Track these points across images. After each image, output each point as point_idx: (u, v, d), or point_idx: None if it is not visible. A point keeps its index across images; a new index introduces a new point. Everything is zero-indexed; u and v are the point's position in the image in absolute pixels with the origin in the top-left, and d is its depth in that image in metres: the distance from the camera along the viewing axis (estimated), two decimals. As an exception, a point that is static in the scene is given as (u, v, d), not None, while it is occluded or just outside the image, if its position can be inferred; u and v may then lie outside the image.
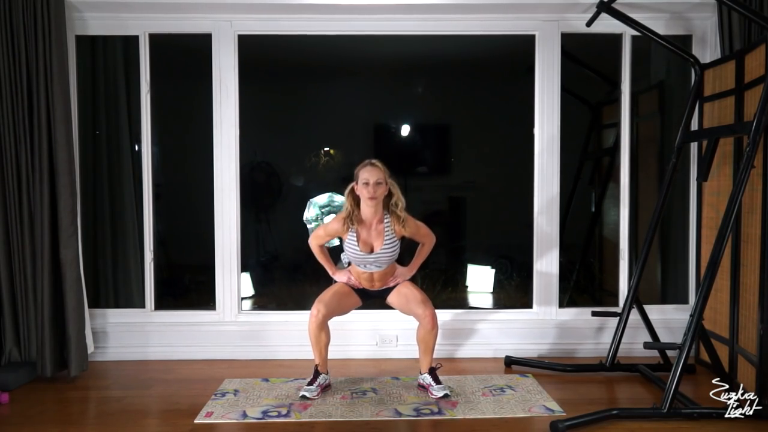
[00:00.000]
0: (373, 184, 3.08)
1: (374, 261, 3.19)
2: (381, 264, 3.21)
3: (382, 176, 3.11)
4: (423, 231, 3.29)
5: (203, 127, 3.96)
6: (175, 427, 2.85)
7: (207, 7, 3.77)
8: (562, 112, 3.94)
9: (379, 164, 3.13)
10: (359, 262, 3.21)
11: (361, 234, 3.18)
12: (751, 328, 3.17)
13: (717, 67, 3.58)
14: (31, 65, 3.46)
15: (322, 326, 3.20)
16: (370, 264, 3.21)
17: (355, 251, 3.18)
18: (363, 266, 3.23)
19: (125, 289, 4.12)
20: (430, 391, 3.21)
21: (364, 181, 3.10)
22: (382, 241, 3.17)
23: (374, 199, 3.10)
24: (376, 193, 3.09)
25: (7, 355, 3.56)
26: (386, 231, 3.18)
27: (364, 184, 3.10)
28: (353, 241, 3.17)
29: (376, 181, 3.08)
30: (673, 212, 4.23)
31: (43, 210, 3.45)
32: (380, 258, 3.18)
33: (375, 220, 3.18)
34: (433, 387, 3.20)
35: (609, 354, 3.55)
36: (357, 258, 3.20)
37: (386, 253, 3.18)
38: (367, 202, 3.11)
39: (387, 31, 3.94)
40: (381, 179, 3.10)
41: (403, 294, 3.29)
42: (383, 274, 3.27)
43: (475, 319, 4.05)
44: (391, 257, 3.21)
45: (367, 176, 3.09)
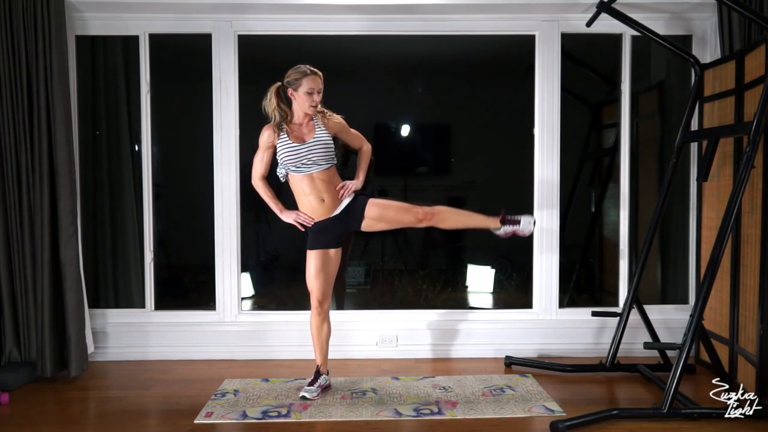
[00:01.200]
0: (317, 93, 3.09)
1: (308, 153, 3.09)
2: (318, 159, 3.10)
3: (321, 84, 3.12)
4: (354, 132, 3.28)
5: (203, 127, 3.96)
6: (175, 427, 2.85)
7: (207, 7, 3.77)
8: (562, 112, 3.94)
9: (319, 72, 3.13)
10: (294, 160, 3.09)
11: (292, 130, 3.15)
12: (751, 328, 3.17)
13: (717, 67, 3.58)
14: (31, 65, 3.46)
15: (325, 318, 3.22)
16: (306, 159, 3.09)
17: (288, 146, 3.10)
18: (299, 168, 3.10)
19: (125, 289, 4.13)
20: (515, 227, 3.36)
21: (308, 90, 3.07)
22: (314, 133, 3.13)
23: (315, 107, 3.11)
24: (317, 101, 3.11)
25: (7, 355, 3.56)
26: (317, 125, 3.16)
27: (307, 94, 3.08)
28: (285, 139, 3.12)
29: (318, 90, 3.10)
30: (673, 212, 4.23)
31: (43, 210, 3.45)
32: (314, 148, 3.09)
33: (306, 119, 3.16)
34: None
35: (609, 354, 3.55)
36: (291, 155, 3.09)
37: (319, 142, 3.10)
38: (309, 109, 3.10)
39: (387, 31, 3.94)
40: (321, 88, 3.12)
41: (382, 206, 3.21)
42: (328, 184, 3.14)
43: (475, 319, 4.05)
44: (326, 150, 3.12)
45: (313, 86, 3.08)
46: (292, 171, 3.15)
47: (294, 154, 3.10)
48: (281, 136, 3.13)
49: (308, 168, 3.12)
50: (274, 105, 3.14)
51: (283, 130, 3.14)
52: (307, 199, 3.17)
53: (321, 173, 3.13)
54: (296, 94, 3.11)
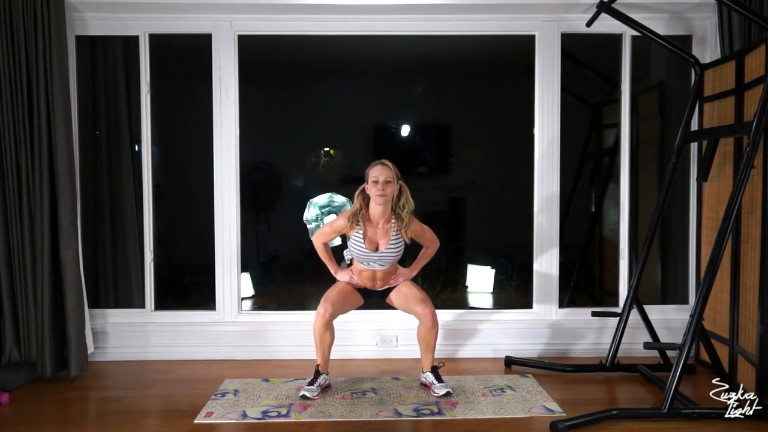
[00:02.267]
0: (383, 183, 3.12)
1: (378, 259, 3.21)
2: (384, 263, 3.23)
3: (391, 175, 3.14)
4: (428, 235, 3.32)
5: (203, 127, 3.96)
6: (175, 427, 2.85)
7: (207, 7, 3.77)
8: (562, 112, 3.94)
9: (390, 164, 3.18)
10: (363, 259, 3.23)
11: (367, 232, 3.21)
12: (751, 328, 3.17)
13: (717, 67, 3.58)
14: (31, 65, 3.46)
15: (329, 325, 3.22)
16: (374, 262, 3.22)
17: (360, 248, 3.19)
18: (366, 264, 3.24)
19: (125, 289, 4.12)
20: (432, 389, 3.22)
21: (373, 179, 3.14)
22: (388, 241, 3.19)
23: (383, 197, 3.13)
24: (385, 191, 3.12)
25: (7, 355, 3.56)
26: (392, 231, 3.21)
27: (373, 182, 3.14)
28: (359, 239, 3.20)
29: (385, 180, 3.12)
30: (673, 212, 4.23)
31: (43, 210, 3.45)
32: (384, 257, 3.20)
33: (382, 220, 3.21)
34: (435, 385, 3.21)
35: (609, 354, 3.55)
36: (361, 255, 3.21)
37: (391, 252, 3.20)
38: (376, 200, 3.14)
39: (387, 31, 3.94)
40: (390, 178, 3.14)
41: (404, 293, 3.31)
42: (385, 273, 3.29)
43: (475, 319, 4.05)
44: (395, 257, 3.24)
45: (376, 174, 3.13)
46: (357, 261, 3.28)
47: (363, 256, 3.22)
48: (356, 232, 3.21)
49: (375, 265, 3.26)
50: (358, 202, 3.22)
51: (359, 225, 3.20)
52: (362, 275, 3.32)
53: (385, 269, 3.28)
54: (367, 186, 3.18)
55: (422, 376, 3.32)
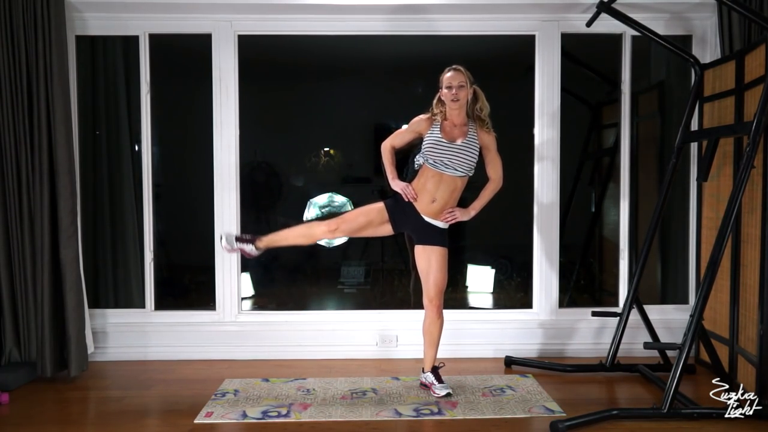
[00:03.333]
0: (456, 87, 3.12)
1: (454, 154, 3.11)
2: (459, 164, 3.12)
3: (464, 79, 3.14)
4: (497, 162, 3.26)
5: (203, 127, 3.96)
6: (175, 427, 2.85)
7: (207, 7, 3.77)
8: (562, 112, 3.94)
9: (462, 68, 3.17)
10: (438, 154, 3.11)
11: (445, 127, 3.18)
12: (751, 328, 3.17)
13: (717, 67, 3.58)
14: (31, 65, 3.46)
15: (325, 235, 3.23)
16: (448, 160, 3.11)
17: (437, 139, 3.13)
18: (440, 164, 3.12)
19: (125, 289, 4.12)
20: (432, 389, 3.22)
21: (447, 85, 3.14)
22: (465, 138, 3.16)
23: (457, 101, 3.12)
24: (458, 95, 3.12)
25: (7, 355, 3.56)
26: (470, 131, 3.18)
27: (447, 88, 3.14)
28: (436, 131, 3.16)
29: (458, 84, 3.12)
30: (673, 212, 4.23)
31: (43, 210, 3.45)
32: (460, 151, 3.12)
33: (459, 123, 3.19)
34: (435, 386, 3.21)
35: (609, 354, 3.55)
36: (436, 148, 3.11)
37: (467, 149, 3.14)
38: (451, 105, 3.14)
39: (387, 31, 3.94)
40: (463, 82, 3.13)
41: (432, 262, 3.20)
42: (447, 195, 3.16)
43: (475, 319, 4.05)
44: (470, 159, 3.15)
45: (450, 80, 3.13)
46: (429, 164, 3.16)
47: (439, 149, 3.13)
48: (434, 128, 3.18)
49: (445, 168, 3.14)
50: (436, 101, 3.21)
51: (437, 124, 3.18)
52: (423, 192, 3.17)
53: (451, 179, 3.16)
54: (442, 93, 3.17)
55: (422, 376, 3.32)
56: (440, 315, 3.23)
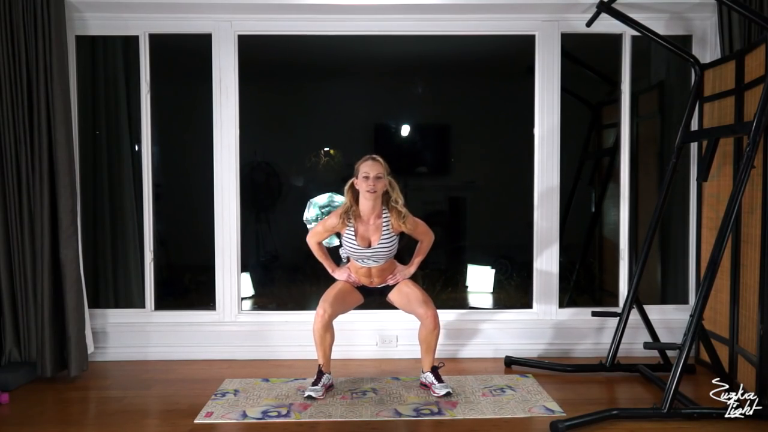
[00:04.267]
0: (373, 178, 3.10)
1: (372, 255, 3.20)
2: (379, 259, 3.23)
3: (381, 171, 3.13)
4: (421, 228, 3.30)
5: (203, 127, 3.96)
6: (175, 427, 2.85)
7: (207, 7, 3.77)
8: (562, 112, 3.94)
9: (380, 159, 3.16)
10: (357, 256, 3.23)
11: (359, 229, 3.20)
12: (751, 328, 3.17)
13: (717, 67, 3.58)
14: (31, 65, 3.46)
15: (328, 327, 3.22)
16: (368, 258, 3.22)
17: (353, 245, 3.19)
18: (361, 261, 3.24)
19: (125, 289, 4.13)
20: (432, 389, 3.22)
21: (364, 174, 3.12)
22: (380, 236, 3.19)
23: (374, 193, 3.12)
24: (375, 187, 3.11)
25: (7, 355, 3.56)
26: (384, 226, 3.20)
27: (363, 178, 3.12)
28: (351, 235, 3.19)
29: (375, 175, 3.11)
30: (673, 212, 4.23)
31: (43, 210, 3.45)
32: (378, 252, 3.20)
33: (373, 216, 3.20)
34: (435, 385, 3.21)
35: (609, 354, 3.55)
36: (355, 252, 3.21)
37: (384, 247, 3.19)
38: (366, 195, 3.13)
39: (387, 31, 3.93)
40: (381, 173, 3.12)
41: (405, 293, 3.31)
42: (381, 270, 3.29)
43: (475, 319, 4.05)
44: (389, 252, 3.23)
45: (367, 170, 3.12)
46: (353, 259, 3.29)
47: (357, 253, 3.22)
48: (348, 230, 3.20)
49: (370, 263, 3.25)
50: (348, 197, 3.20)
51: (350, 223, 3.19)
52: (357, 273, 3.32)
53: (380, 265, 3.27)
54: (357, 182, 3.17)
55: (422, 376, 3.32)
56: (437, 325, 3.22)
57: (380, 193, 3.15)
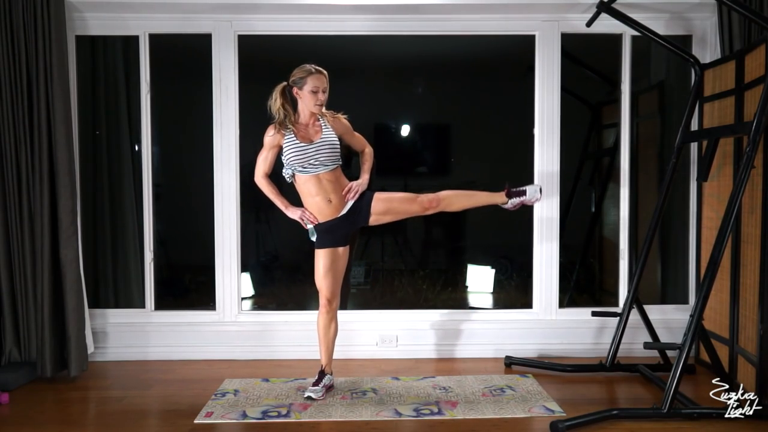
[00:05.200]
0: (322, 92, 3.10)
1: (316, 152, 3.08)
2: (325, 160, 3.09)
3: (326, 82, 3.13)
4: (356, 134, 3.29)
5: (203, 127, 3.96)
6: (175, 427, 2.85)
7: (207, 7, 3.77)
8: (562, 112, 3.94)
9: (324, 70, 3.14)
10: (301, 160, 3.07)
11: (299, 131, 3.14)
12: (751, 328, 3.17)
13: (717, 67, 3.58)
14: (31, 65, 3.46)
15: (333, 317, 3.23)
16: (314, 159, 3.08)
17: (296, 146, 3.08)
18: (308, 168, 3.09)
19: (125, 289, 4.13)
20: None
21: (313, 89, 3.08)
22: (321, 133, 3.14)
23: (322, 106, 3.12)
24: (323, 99, 3.11)
25: (7, 355, 3.56)
26: (324, 125, 3.16)
27: (312, 92, 3.09)
28: (291, 139, 3.10)
29: (323, 88, 3.11)
30: (673, 212, 4.23)
31: (43, 210, 3.45)
32: (321, 149, 3.09)
33: (312, 120, 3.17)
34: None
35: (609, 354, 3.55)
36: (298, 155, 3.07)
37: (326, 142, 3.10)
38: (314, 108, 3.12)
39: (387, 31, 3.94)
40: (326, 86, 3.13)
41: (384, 200, 3.21)
42: (335, 185, 3.14)
43: (475, 319, 4.05)
44: (333, 150, 3.12)
45: (317, 84, 3.09)
46: (298, 171, 3.13)
47: (301, 154, 3.09)
48: (287, 136, 3.12)
49: (315, 168, 3.11)
50: (278, 104, 3.12)
51: (288, 130, 3.12)
52: (313, 200, 3.16)
53: (328, 174, 3.13)
54: (301, 93, 3.11)
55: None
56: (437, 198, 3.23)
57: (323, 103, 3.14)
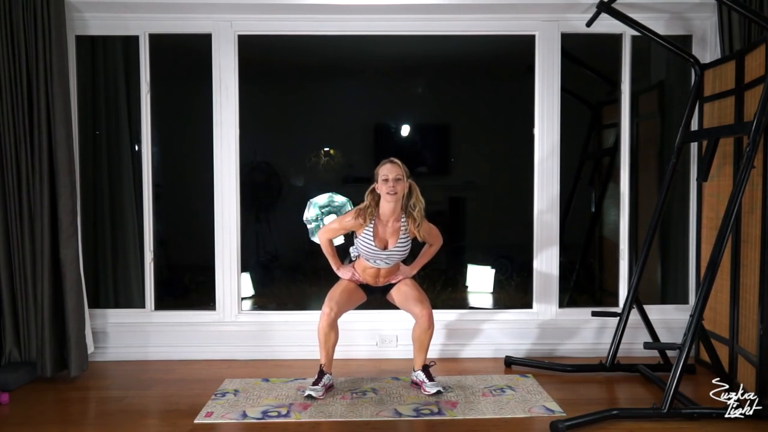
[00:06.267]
0: (393, 180, 3.13)
1: (386, 257, 3.22)
2: (391, 261, 3.25)
3: (401, 173, 3.16)
4: (434, 233, 3.36)
5: (203, 127, 3.96)
6: (175, 427, 2.85)
7: (207, 7, 3.77)
8: (562, 112, 3.94)
9: (399, 162, 3.19)
10: (371, 257, 3.23)
11: (377, 230, 3.21)
12: (751, 328, 3.17)
13: (717, 67, 3.58)
14: (31, 65, 3.46)
15: (333, 325, 3.22)
16: (381, 260, 3.23)
17: (370, 246, 3.19)
18: (373, 261, 3.25)
19: (125, 289, 4.12)
20: (423, 387, 3.24)
21: (383, 177, 3.15)
22: (397, 239, 3.21)
23: (394, 195, 3.14)
24: (395, 189, 3.14)
25: (7, 355, 3.56)
26: (402, 229, 3.22)
27: (383, 181, 3.15)
28: (369, 236, 3.20)
29: (395, 177, 3.14)
30: (673, 212, 4.23)
31: (43, 210, 3.45)
32: (392, 255, 3.22)
33: (392, 218, 3.22)
34: (426, 384, 3.23)
35: (609, 354, 3.55)
36: (369, 253, 3.21)
37: (399, 250, 3.22)
38: (387, 198, 3.15)
39: (387, 31, 3.94)
40: (400, 175, 3.15)
41: (403, 291, 3.33)
42: (389, 270, 3.31)
43: (475, 319, 4.05)
44: (403, 255, 3.26)
45: (386, 173, 3.15)
46: (364, 259, 3.27)
47: (372, 253, 3.22)
48: (366, 231, 3.20)
49: (382, 263, 3.26)
50: (368, 201, 3.21)
51: (370, 228, 3.20)
52: (364, 273, 3.32)
53: (389, 267, 3.29)
54: (378, 185, 3.19)
55: (413, 374, 3.34)
56: (431, 325, 3.25)
57: (401, 195, 3.18)
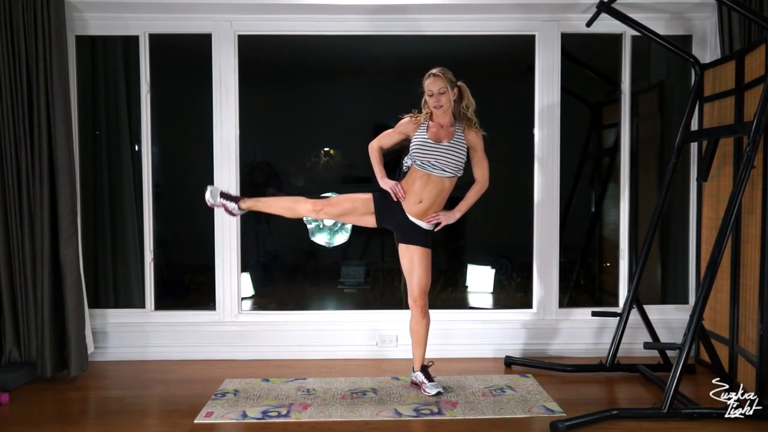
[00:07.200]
0: (437, 93, 3.14)
1: (440, 155, 3.13)
2: (445, 165, 3.14)
3: (444, 84, 3.14)
4: (483, 159, 3.30)
5: (203, 127, 3.96)
6: (175, 427, 2.85)
7: (207, 7, 3.77)
8: (562, 112, 3.94)
9: (440, 73, 3.16)
10: (425, 155, 3.13)
11: (431, 128, 3.20)
12: (751, 328, 3.17)
13: (717, 67, 3.58)
14: (31, 65, 3.46)
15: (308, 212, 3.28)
16: (435, 160, 3.13)
17: (423, 141, 3.15)
18: (428, 165, 3.14)
19: (125, 289, 4.13)
20: (423, 388, 3.24)
21: (428, 93, 3.17)
22: (452, 137, 3.18)
23: (441, 107, 3.15)
24: (441, 101, 3.14)
25: (7, 355, 3.56)
26: (457, 132, 3.21)
27: (429, 96, 3.17)
28: (423, 132, 3.18)
29: (439, 90, 3.14)
30: (673, 212, 4.23)
31: (43, 210, 3.45)
32: (447, 152, 3.14)
33: (446, 123, 3.21)
34: (426, 384, 3.23)
35: (609, 354, 3.55)
36: (423, 149, 3.13)
37: (453, 149, 3.16)
38: (435, 111, 3.17)
39: (387, 31, 3.94)
40: (444, 88, 3.14)
41: (415, 262, 3.22)
42: (437, 193, 3.18)
43: (475, 319, 4.05)
44: (457, 160, 3.17)
45: (430, 87, 3.16)
46: (417, 165, 3.18)
47: (425, 150, 3.15)
48: (420, 130, 3.19)
49: (432, 169, 3.16)
50: (423, 103, 3.24)
51: (424, 126, 3.20)
52: (411, 188, 3.19)
53: (439, 180, 3.18)
54: (426, 98, 3.20)
55: (413, 374, 3.34)
56: (425, 315, 3.24)
57: (447, 106, 3.17)
